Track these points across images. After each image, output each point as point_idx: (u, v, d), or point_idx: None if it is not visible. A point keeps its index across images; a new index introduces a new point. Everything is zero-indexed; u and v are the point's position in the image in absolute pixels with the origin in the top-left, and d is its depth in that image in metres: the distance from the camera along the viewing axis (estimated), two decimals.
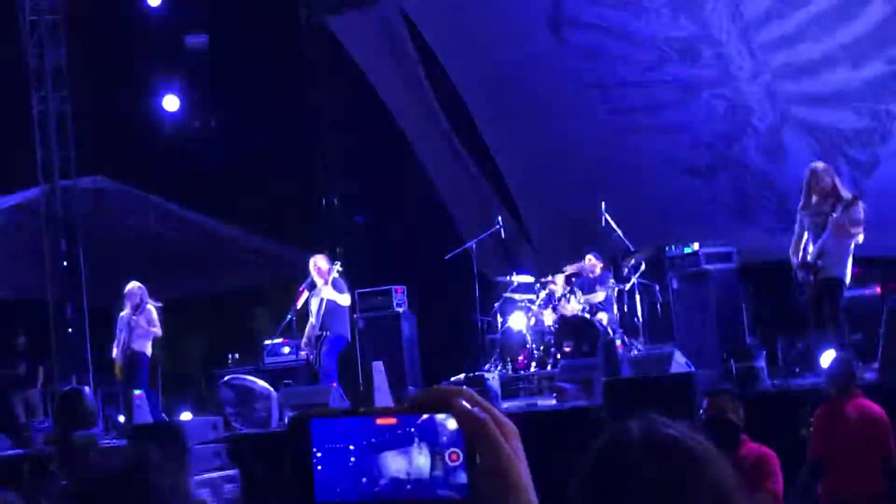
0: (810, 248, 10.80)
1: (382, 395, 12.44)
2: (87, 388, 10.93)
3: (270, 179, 17.36)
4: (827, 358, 10.40)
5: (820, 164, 11.11)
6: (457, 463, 1.37)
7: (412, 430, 1.36)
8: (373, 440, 1.36)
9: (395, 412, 1.38)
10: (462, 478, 1.36)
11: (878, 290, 12.30)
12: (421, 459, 1.36)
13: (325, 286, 13.00)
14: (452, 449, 1.36)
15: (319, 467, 1.34)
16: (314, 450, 1.34)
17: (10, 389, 15.88)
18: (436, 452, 1.36)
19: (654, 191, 15.61)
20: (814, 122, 14.58)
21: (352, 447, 1.35)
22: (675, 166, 15.75)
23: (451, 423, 1.37)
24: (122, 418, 13.47)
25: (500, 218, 14.55)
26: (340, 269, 13.26)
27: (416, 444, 1.37)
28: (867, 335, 11.44)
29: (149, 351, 13.46)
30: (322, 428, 1.36)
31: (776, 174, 15.04)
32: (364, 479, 1.36)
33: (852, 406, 8.08)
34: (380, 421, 1.37)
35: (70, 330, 15.27)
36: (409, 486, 1.35)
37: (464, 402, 1.37)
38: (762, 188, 15.29)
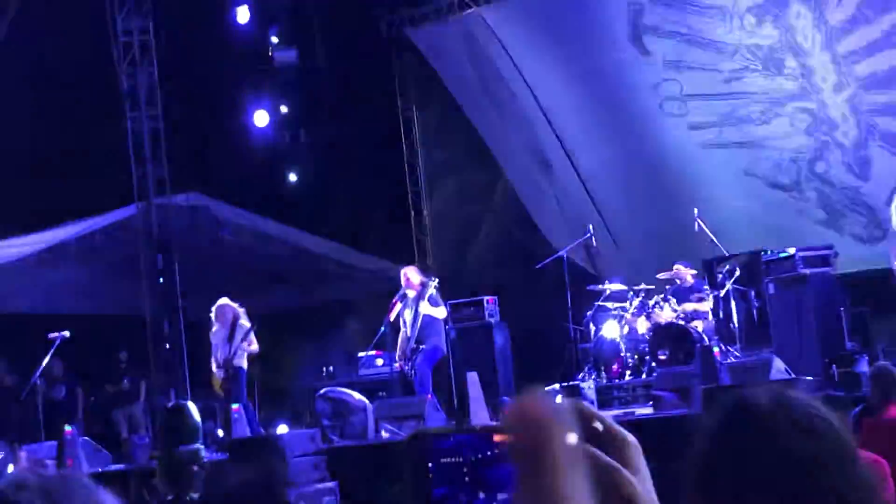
0: None
1: (478, 407, 12.44)
2: (190, 403, 11.09)
3: (361, 192, 17.46)
4: None
5: None
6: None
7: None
8: (480, 455, 1.35)
9: (504, 430, 1.36)
10: None
11: None
12: None
13: (422, 301, 13.01)
14: None
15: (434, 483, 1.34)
16: (430, 465, 1.34)
17: (113, 405, 16.16)
18: None
19: (741, 201, 15.41)
20: None
21: (464, 462, 1.35)
22: (760, 180, 15.58)
23: (571, 438, 1.34)
24: (220, 432, 13.61)
25: (590, 226, 14.47)
26: (437, 284, 13.25)
27: None
28: None
29: (246, 365, 13.60)
30: (438, 445, 1.36)
31: (864, 189, 14.79)
32: (481, 494, 1.35)
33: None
34: (497, 438, 1.36)
35: (167, 345, 15.48)
36: None
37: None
38: (851, 202, 15.04)
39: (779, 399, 1.79)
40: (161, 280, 15.57)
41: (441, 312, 13.26)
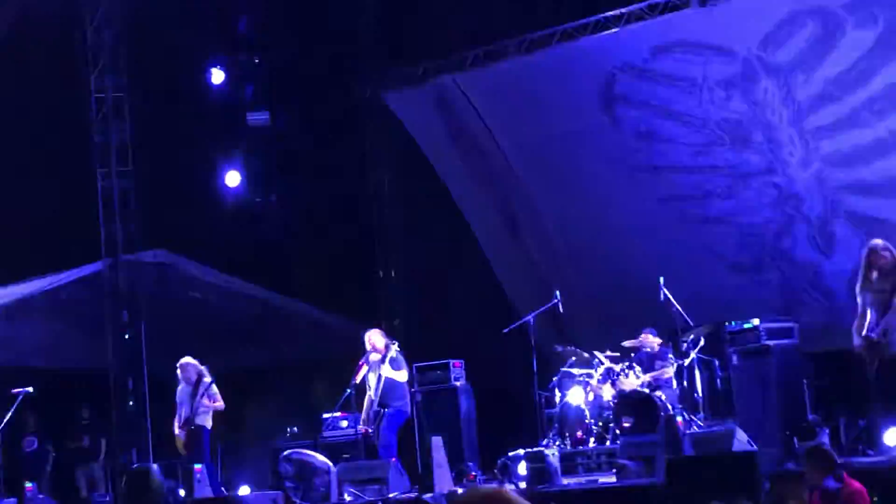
0: (866, 322, 10.77)
1: (441, 471, 12.46)
2: (154, 466, 11.05)
3: (329, 253, 17.52)
4: (892, 436, 10.35)
5: (879, 242, 11.11)
6: None
7: None
8: None
9: None
10: None
11: None
12: None
13: (384, 365, 13.04)
14: None
15: None
16: None
17: (74, 463, 16.04)
18: None
19: (701, 280, 15.52)
20: (864, 212, 14.48)
21: None
22: (722, 260, 15.72)
23: None
24: (182, 492, 13.54)
25: (557, 292, 14.55)
26: (398, 348, 13.30)
27: None
28: None
29: (209, 425, 13.56)
30: None
31: (826, 267, 14.95)
32: None
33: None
34: None
35: (131, 402, 15.42)
36: None
37: None
38: (810, 285, 15.18)
39: None
40: (126, 336, 15.56)
41: (402, 376, 13.27)
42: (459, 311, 16.81)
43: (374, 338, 13.41)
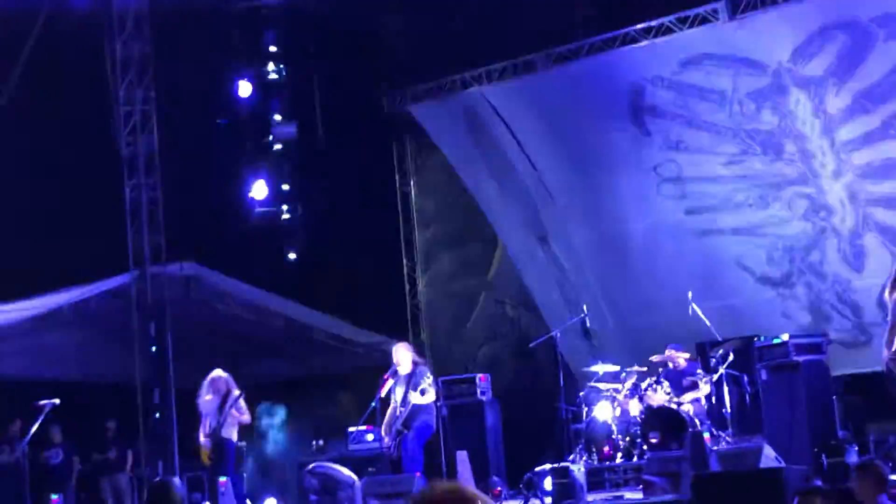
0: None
1: (466, 485, 12.37)
2: (176, 479, 10.99)
3: (356, 266, 17.50)
4: None
5: None
6: None
7: None
8: None
9: None
10: None
11: None
12: None
13: (414, 392, 12.81)
14: None
15: None
16: None
17: (100, 474, 16.04)
18: None
19: (730, 294, 15.43)
20: (894, 224, 14.38)
21: None
22: (750, 274, 15.61)
23: None
24: None
25: (584, 306, 14.47)
26: (428, 377, 13.09)
27: None
28: None
29: (235, 437, 13.53)
30: None
31: (855, 282, 14.83)
32: None
33: None
34: None
35: (157, 415, 15.43)
36: None
37: None
38: (838, 300, 15.05)
39: None
40: (153, 348, 15.57)
41: (429, 398, 12.98)
42: (486, 324, 16.78)
43: (401, 352, 13.28)
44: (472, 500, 1.40)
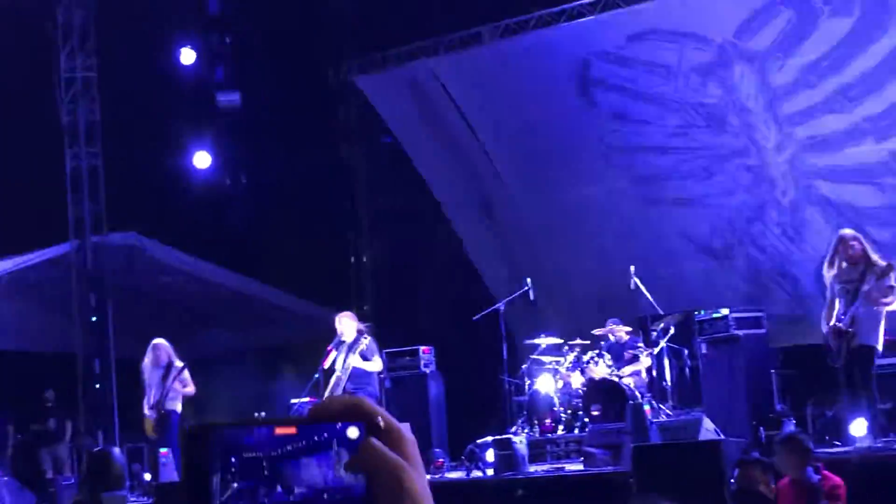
0: (834, 312, 10.77)
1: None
2: (116, 449, 10.90)
3: (300, 237, 17.41)
4: (857, 426, 10.35)
5: (848, 231, 11.12)
6: (356, 479, 1.36)
7: (322, 437, 1.35)
8: (280, 450, 1.34)
9: (295, 422, 1.37)
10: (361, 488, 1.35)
11: None
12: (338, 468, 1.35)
13: (353, 355, 12.87)
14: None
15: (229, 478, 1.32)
16: (232, 459, 1.33)
17: (39, 444, 15.90)
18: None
19: (672, 264, 15.58)
20: (836, 198, 14.56)
21: (261, 457, 1.34)
22: (693, 244, 15.75)
23: (352, 433, 1.36)
24: (147, 476, 13.44)
25: (528, 280, 14.51)
26: (368, 340, 13.10)
27: (334, 451, 1.36)
28: None
29: (179, 409, 13.47)
30: (222, 440, 1.34)
31: (794, 255, 15.01)
32: (279, 489, 1.34)
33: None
34: (278, 430, 1.36)
35: (97, 385, 15.32)
36: (325, 495, 1.34)
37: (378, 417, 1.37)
38: (777, 273, 15.23)
39: None
40: (94, 319, 15.44)
41: (375, 366, 13.05)
42: (431, 296, 16.77)
43: (346, 321, 13.25)
44: (371, 415, 1.38)
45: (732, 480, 8.36)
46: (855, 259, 10.70)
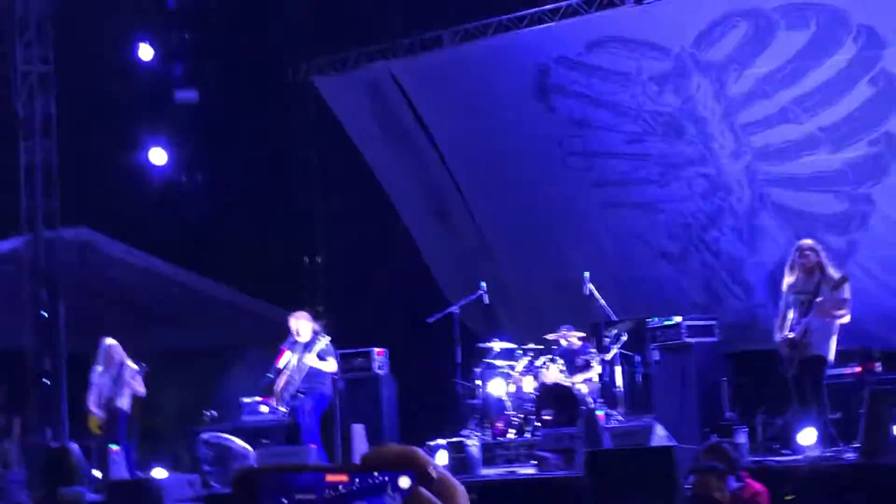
0: (787, 322, 10.91)
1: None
2: (74, 445, 10.87)
3: (255, 236, 17.35)
4: (807, 435, 10.50)
5: (807, 242, 11.26)
6: None
7: (374, 482, 1.36)
8: (331, 493, 1.35)
9: (348, 470, 1.38)
10: None
11: (859, 369, 12.37)
12: None
13: (309, 353, 12.90)
14: None
15: None
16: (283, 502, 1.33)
17: None
18: None
19: (629, 268, 15.71)
20: (791, 205, 14.73)
21: (313, 499, 1.34)
22: (649, 248, 15.88)
23: (404, 482, 1.37)
24: (97, 473, 13.35)
25: (483, 283, 14.57)
26: (326, 341, 13.12)
27: (388, 497, 1.37)
28: (845, 415, 11.51)
29: (128, 407, 13.41)
30: (271, 484, 1.35)
31: (748, 261, 15.18)
32: None
33: None
34: (330, 478, 1.36)
35: (47, 382, 15.18)
36: None
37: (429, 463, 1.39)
38: (731, 279, 15.39)
39: None
40: (45, 314, 15.30)
41: (330, 366, 13.14)
42: (385, 299, 16.78)
43: (302, 322, 13.27)
44: (424, 465, 1.40)
45: (687, 487, 8.44)
46: (809, 269, 10.83)
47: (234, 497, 1.31)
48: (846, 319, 10.73)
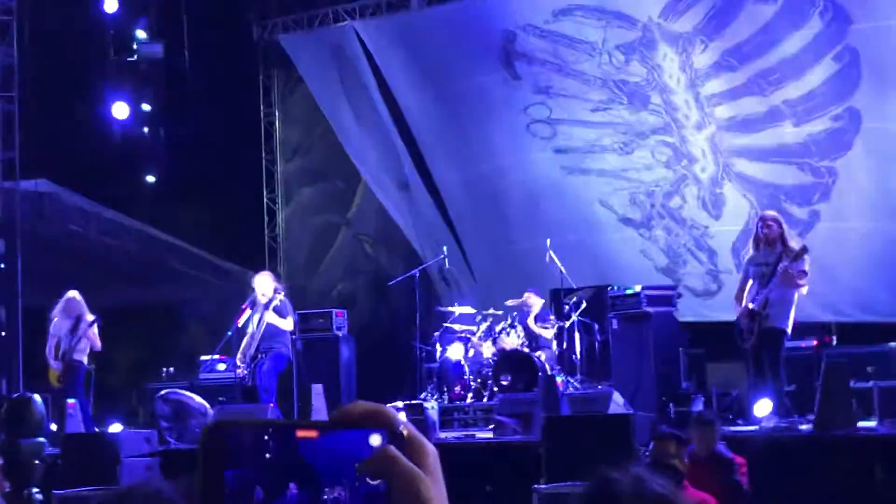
0: (745, 293, 11.01)
1: (320, 418, 12.43)
2: (36, 396, 10.78)
3: (217, 194, 17.25)
4: (762, 406, 10.60)
5: (769, 213, 11.33)
6: (377, 483, 1.37)
7: (344, 442, 1.36)
8: (297, 452, 1.35)
9: (317, 426, 1.38)
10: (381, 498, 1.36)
11: (815, 343, 12.50)
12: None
13: (267, 311, 12.86)
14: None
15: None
16: (249, 458, 1.33)
17: None
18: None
19: (592, 233, 15.78)
20: (754, 176, 14.83)
21: (271, 458, 1.34)
22: (613, 214, 15.95)
23: (374, 440, 1.38)
24: (53, 426, 13.27)
25: (445, 248, 14.59)
26: (283, 297, 13.11)
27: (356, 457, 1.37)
28: (801, 387, 11.64)
29: (86, 361, 13.32)
30: (243, 438, 1.35)
31: (712, 228, 15.28)
32: (295, 490, 1.35)
33: None
34: (300, 433, 1.37)
35: (3, 333, 15.06)
36: (344, 500, 1.36)
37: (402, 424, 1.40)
38: (695, 245, 15.50)
39: (637, 487, 2.00)
40: (2, 265, 15.17)
41: (287, 324, 13.06)
42: (345, 260, 16.77)
43: (263, 281, 13.20)
44: (393, 423, 1.40)
45: (647, 454, 8.52)
46: (771, 240, 10.91)
47: (201, 449, 1.31)
48: (805, 290, 10.83)
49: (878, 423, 10.00)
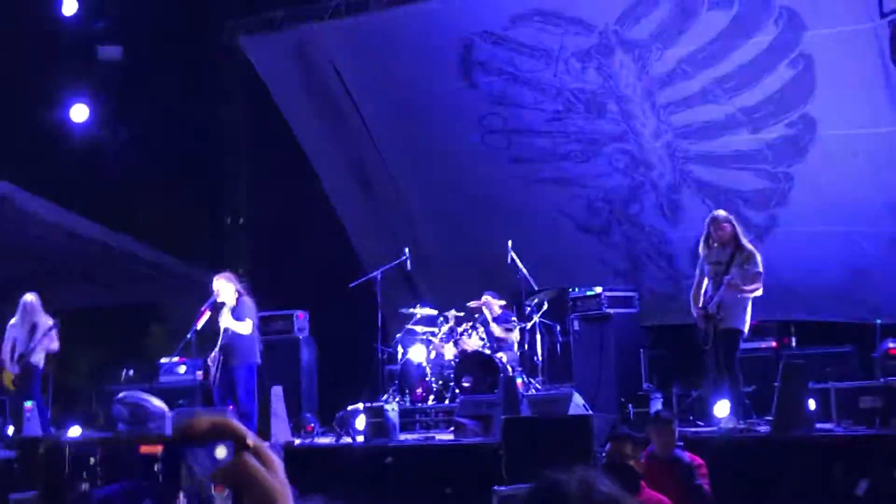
0: (701, 292, 11.09)
1: (279, 421, 12.41)
2: None
3: (177, 195, 17.19)
4: (721, 407, 10.70)
5: (721, 213, 11.42)
6: (224, 494, 1.39)
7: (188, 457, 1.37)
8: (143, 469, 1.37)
9: (160, 441, 1.39)
10: None
11: (774, 344, 12.62)
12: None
13: (223, 316, 12.55)
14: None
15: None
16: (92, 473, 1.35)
17: None
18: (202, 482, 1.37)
19: (551, 241, 15.85)
20: (712, 182, 14.95)
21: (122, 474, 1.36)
22: (571, 220, 16.04)
23: (220, 452, 1.39)
24: (10, 430, 13.20)
25: (406, 249, 14.60)
26: (246, 298, 12.77)
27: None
28: (760, 388, 11.74)
29: (42, 363, 13.26)
30: (83, 454, 1.36)
31: (670, 234, 15.40)
32: None
33: None
34: (144, 449, 1.39)
35: None
36: None
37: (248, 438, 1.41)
38: (655, 251, 15.62)
39: (586, 488, 2.06)
40: None
41: (244, 327, 12.53)
42: (307, 262, 16.74)
43: (223, 282, 12.86)
44: (240, 435, 1.42)
45: (603, 455, 8.58)
46: (724, 240, 11.00)
47: (43, 466, 1.33)
48: (759, 293, 10.91)
49: (836, 425, 10.10)
